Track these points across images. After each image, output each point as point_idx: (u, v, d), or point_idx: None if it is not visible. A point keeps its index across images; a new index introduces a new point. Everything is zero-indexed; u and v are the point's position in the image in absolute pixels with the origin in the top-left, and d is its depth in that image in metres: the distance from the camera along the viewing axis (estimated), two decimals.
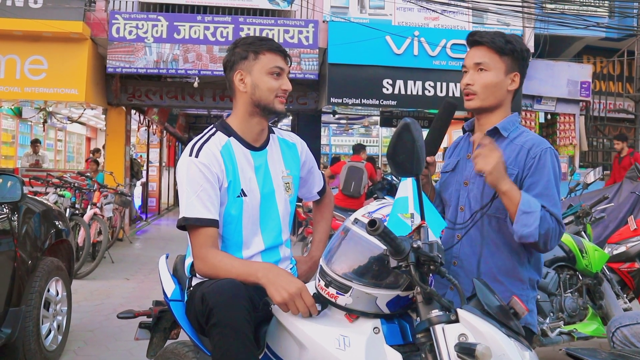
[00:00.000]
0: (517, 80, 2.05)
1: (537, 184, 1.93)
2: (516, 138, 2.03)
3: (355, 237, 1.70)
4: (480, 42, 2.04)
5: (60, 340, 4.05)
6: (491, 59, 2.02)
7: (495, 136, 2.05)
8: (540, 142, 2.00)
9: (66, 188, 7.69)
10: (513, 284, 2.00)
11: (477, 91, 2.03)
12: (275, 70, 2.04)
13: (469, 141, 2.16)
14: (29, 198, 4.01)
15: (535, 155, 1.95)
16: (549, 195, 1.92)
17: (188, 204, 1.94)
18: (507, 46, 2.01)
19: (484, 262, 2.02)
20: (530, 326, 2.02)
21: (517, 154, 1.98)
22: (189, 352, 2.24)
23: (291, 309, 1.72)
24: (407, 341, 1.71)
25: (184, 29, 9.15)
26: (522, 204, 1.84)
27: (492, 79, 2.02)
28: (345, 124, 16.61)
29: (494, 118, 2.07)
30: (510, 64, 2.03)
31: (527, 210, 1.83)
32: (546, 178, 1.93)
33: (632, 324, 2.19)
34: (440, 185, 2.21)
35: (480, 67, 2.03)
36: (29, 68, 8.94)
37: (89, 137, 20.96)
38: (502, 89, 2.04)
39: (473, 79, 2.03)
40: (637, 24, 11.89)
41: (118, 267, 7.82)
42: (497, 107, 2.06)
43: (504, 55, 2.02)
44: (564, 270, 4.11)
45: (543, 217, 1.85)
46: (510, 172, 1.93)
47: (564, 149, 11.40)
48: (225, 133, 2.08)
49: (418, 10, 9.92)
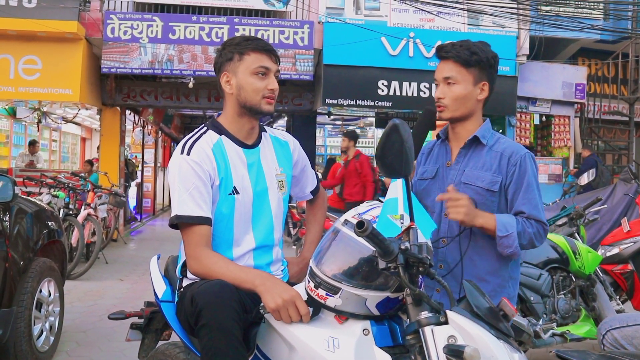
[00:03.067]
0: (487, 88, 2.15)
1: (520, 190, 2.07)
2: (494, 145, 2.15)
3: (345, 238, 1.70)
4: (446, 57, 2.12)
5: (52, 341, 4.03)
6: (458, 72, 2.11)
7: (475, 144, 2.15)
8: (518, 148, 2.12)
9: (60, 188, 7.65)
10: (498, 282, 2.12)
11: (448, 104, 2.14)
12: (260, 70, 2.02)
13: (445, 148, 2.24)
14: (21, 198, 3.99)
15: (515, 162, 2.08)
16: (530, 199, 2.07)
17: (180, 202, 1.93)
18: (473, 58, 2.09)
19: (472, 265, 2.10)
20: None
21: (499, 162, 2.10)
22: (180, 353, 2.23)
23: (283, 317, 1.71)
24: (397, 343, 1.70)
25: (179, 29, 9.14)
26: (498, 230, 2.00)
27: (460, 92, 2.11)
28: (341, 125, 16.61)
29: (468, 126, 2.17)
30: (477, 75, 2.12)
31: (504, 234, 2.00)
32: (526, 183, 2.07)
33: (622, 326, 2.19)
34: (421, 192, 2.25)
35: (449, 81, 2.11)
36: (23, 68, 8.91)
37: (83, 137, 20.86)
38: (472, 99, 2.14)
39: (443, 92, 2.14)
40: (632, 26, 11.93)
41: (112, 267, 7.80)
42: (469, 116, 2.17)
43: (470, 67, 2.10)
44: (557, 272, 4.11)
45: (521, 230, 2.02)
46: (495, 180, 2.09)
47: (559, 150, 11.43)
48: (216, 131, 2.07)
49: (413, 12, 9.93)
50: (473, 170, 2.12)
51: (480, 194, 2.09)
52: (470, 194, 2.07)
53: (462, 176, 2.13)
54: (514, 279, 2.18)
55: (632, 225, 4.90)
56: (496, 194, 2.09)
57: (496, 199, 2.10)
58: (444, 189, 2.14)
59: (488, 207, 2.08)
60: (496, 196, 2.09)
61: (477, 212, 2.01)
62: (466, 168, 2.14)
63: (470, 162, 2.14)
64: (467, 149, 2.16)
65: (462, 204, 1.97)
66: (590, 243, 5.54)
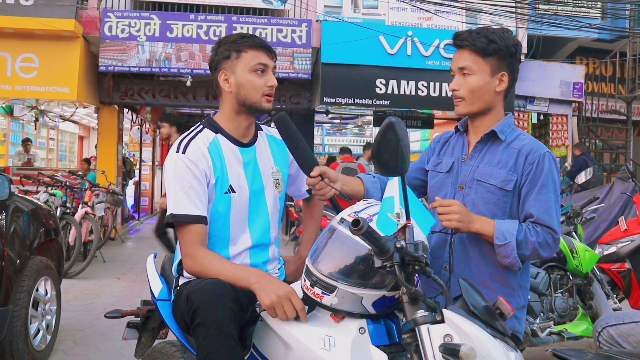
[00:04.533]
0: (506, 79, 1.99)
1: (533, 190, 1.92)
2: (513, 141, 2.00)
3: (341, 236, 1.69)
4: (461, 46, 1.99)
5: (49, 339, 4.03)
6: (474, 62, 1.96)
7: (492, 139, 2.02)
8: (537, 146, 1.97)
9: (57, 187, 7.65)
10: (503, 290, 1.98)
11: (464, 96, 1.99)
12: (259, 67, 2.01)
13: (463, 142, 2.11)
14: (18, 197, 3.98)
15: (533, 161, 1.93)
16: (542, 202, 1.91)
17: (176, 200, 1.92)
18: (490, 46, 1.94)
19: (477, 268, 1.99)
20: (518, 333, 2.01)
21: (516, 159, 1.95)
22: (176, 351, 2.23)
23: (279, 313, 1.70)
24: (393, 341, 1.70)
25: (176, 27, 9.12)
26: (496, 237, 1.88)
27: (477, 83, 1.96)
28: (339, 123, 16.59)
29: (487, 120, 2.03)
30: (495, 65, 1.96)
31: (502, 242, 1.87)
32: (541, 184, 1.91)
33: (618, 323, 2.19)
34: (433, 185, 2.15)
35: (464, 72, 1.98)
36: (20, 66, 8.88)
37: (81, 135, 20.85)
38: (490, 92, 1.98)
39: (458, 83, 2.00)
40: (629, 25, 11.94)
41: (109, 266, 7.79)
42: (487, 110, 2.02)
43: (487, 57, 1.95)
44: (555, 271, 4.12)
45: (523, 240, 1.88)
46: (509, 179, 1.93)
47: (557, 149, 11.45)
48: (212, 130, 2.06)
49: (411, 10, 9.92)
50: (487, 167, 1.98)
51: (493, 193, 1.95)
52: (483, 191, 1.96)
53: (475, 172, 2.00)
54: (524, 287, 2.04)
55: (629, 224, 4.91)
56: (509, 194, 1.95)
57: (509, 199, 1.96)
58: (457, 184, 2.05)
59: (501, 207, 1.96)
60: (509, 196, 1.95)
61: (473, 217, 1.89)
62: (480, 164, 2.00)
63: (486, 158, 2.00)
64: (484, 144, 2.02)
65: (454, 211, 1.85)
66: (587, 242, 5.54)
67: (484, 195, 1.97)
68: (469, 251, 2.00)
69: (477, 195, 1.99)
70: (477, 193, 1.99)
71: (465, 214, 1.88)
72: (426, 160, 2.23)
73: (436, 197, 1.95)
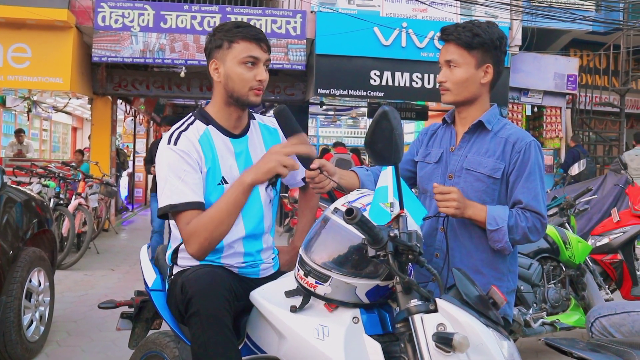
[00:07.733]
0: (491, 71, 2.08)
1: (520, 178, 2.01)
2: (500, 131, 2.08)
3: (335, 226, 1.69)
4: (448, 40, 2.07)
5: (42, 331, 4.01)
6: (460, 55, 2.05)
7: (479, 129, 2.10)
8: (523, 135, 2.05)
9: (50, 178, 7.60)
10: (494, 275, 2.06)
11: (450, 87, 2.08)
12: (249, 59, 1.96)
13: (451, 133, 2.18)
14: (10, 187, 3.96)
15: (520, 149, 2.01)
16: (530, 188, 2.00)
17: (173, 190, 1.86)
18: (475, 40, 2.02)
19: (468, 255, 2.05)
20: (508, 317, 2.07)
21: (503, 148, 2.03)
22: (170, 342, 2.23)
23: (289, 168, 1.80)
24: (387, 331, 1.70)
25: (170, 18, 9.07)
26: (488, 223, 1.96)
27: (462, 75, 2.05)
28: (333, 115, 16.59)
29: (473, 111, 2.11)
30: (480, 57, 2.05)
31: (494, 227, 1.96)
32: (528, 171, 2.00)
33: (610, 314, 2.21)
34: (423, 176, 2.21)
35: (451, 64, 2.06)
36: (12, 56, 8.81)
37: (75, 126, 20.75)
38: (475, 83, 2.07)
39: (445, 75, 2.09)
40: (623, 18, 11.95)
41: (103, 257, 7.77)
42: (474, 100, 2.10)
43: (472, 50, 2.04)
44: (548, 262, 4.14)
45: (514, 225, 1.96)
46: (497, 167, 2.02)
47: (550, 141, 11.48)
48: (203, 121, 2.03)
49: (406, 2, 9.89)
50: (476, 156, 2.06)
51: (482, 181, 2.03)
52: (472, 180, 2.04)
53: (464, 162, 2.08)
54: (513, 272, 2.13)
55: (622, 215, 4.94)
56: (498, 181, 2.03)
57: (497, 187, 2.04)
58: (446, 174, 2.11)
59: (489, 194, 2.03)
60: (498, 184, 2.04)
61: (468, 203, 1.96)
62: (469, 153, 2.08)
63: (474, 148, 2.08)
64: (471, 134, 2.11)
65: (452, 198, 1.92)
66: (580, 233, 5.58)
67: (474, 183, 2.04)
68: (459, 238, 2.06)
69: (466, 184, 2.06)
70: (467, 182, 2.06)
71: (462, 201, 1.95)
72: (415, 152, 2.30)
73: (434, 184, 2.01)
